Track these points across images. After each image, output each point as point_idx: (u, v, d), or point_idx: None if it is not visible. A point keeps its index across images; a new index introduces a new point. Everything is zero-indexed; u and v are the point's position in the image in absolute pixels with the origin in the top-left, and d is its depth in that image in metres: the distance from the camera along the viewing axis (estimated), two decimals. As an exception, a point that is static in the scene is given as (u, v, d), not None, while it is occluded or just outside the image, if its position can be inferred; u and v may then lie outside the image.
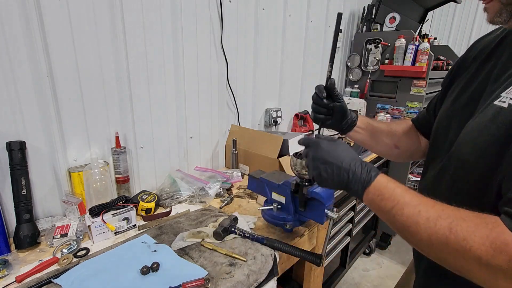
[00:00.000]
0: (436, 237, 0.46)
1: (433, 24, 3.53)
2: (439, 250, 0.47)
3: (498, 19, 0.54)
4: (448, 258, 0.46)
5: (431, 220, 0.47)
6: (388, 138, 0.87)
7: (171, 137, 1.36)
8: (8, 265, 0.79)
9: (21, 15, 0.87)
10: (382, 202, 0.54)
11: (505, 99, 0.50)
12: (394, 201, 0.52)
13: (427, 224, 0.47)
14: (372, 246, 2.35)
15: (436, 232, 0.46)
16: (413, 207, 0.50)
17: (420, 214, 0.49)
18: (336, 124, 0.84)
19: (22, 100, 0.91)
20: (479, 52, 0.67)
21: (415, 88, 2.14)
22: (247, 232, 0.91)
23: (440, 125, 0.69)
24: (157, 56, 1.21)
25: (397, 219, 0.51)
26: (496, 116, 0.50)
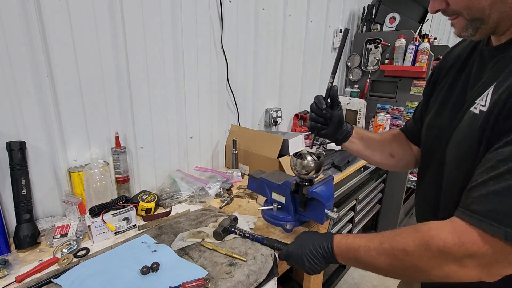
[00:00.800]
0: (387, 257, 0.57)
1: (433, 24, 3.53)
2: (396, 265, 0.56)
3: (464, 34, 0.58)
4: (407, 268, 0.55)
5: (378, 248, 0.58)
6: (383, 147, 0.89)
7: (171, 137, 1.36)
8: (8, 265, 0.79)
9: (21, 15, 0.87)
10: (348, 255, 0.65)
11: (477, 106, 0.55)
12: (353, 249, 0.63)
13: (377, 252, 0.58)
14: (372, 246, 2.35)
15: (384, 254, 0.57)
16: (364, 247, 0.61)
17: (369, 249, 0.60)
18: (332, 134, 0.86)
19: (22, 100, 0.91)
20: (454, 61, 0.71)
21: (415, 88, 2.14)
22: (247, 232, 0.91)
23: (430, 134, 0.72)
24: (157, 56, 1.21)
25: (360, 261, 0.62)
26: (471, 122, 0.55)
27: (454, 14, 0.57)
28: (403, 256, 0.54)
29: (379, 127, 2.17)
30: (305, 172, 0.83)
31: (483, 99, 0.53)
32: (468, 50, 0.68)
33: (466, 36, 0.59)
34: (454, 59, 0.72)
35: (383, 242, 0.58)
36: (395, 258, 0.55)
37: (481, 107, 0.53)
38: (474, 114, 0.55)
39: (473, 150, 0.53)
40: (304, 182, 0.86)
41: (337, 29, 2.26)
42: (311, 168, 0.83)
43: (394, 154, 0.87)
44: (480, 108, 0.53)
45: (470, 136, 0.54)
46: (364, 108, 2.35)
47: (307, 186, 0.85)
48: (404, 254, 0.54)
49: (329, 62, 2.34)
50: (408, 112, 2.20)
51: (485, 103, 0.52)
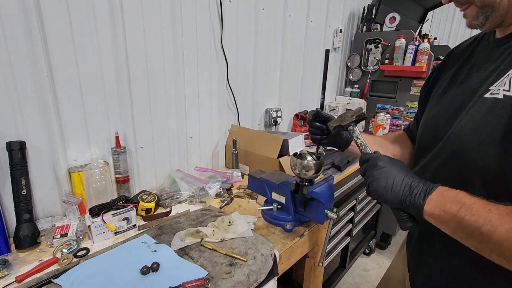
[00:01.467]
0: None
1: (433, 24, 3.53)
2: None
3: (475, 22, 0.59)
4: None
5: (504, 215, 0.45)
6: (385, 149, 0.89)
7: (171, 137, 1.36)
8: (8, 265, 0.79)
9: (21, 15, 0.87)
10: (447, 205, 0.51)
11: (498, 91, 0.54)
12: (460, 203, 0.50)
13: (502, 219, 0.45)
14: (372, 246, 2.35)
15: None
16: (482, 206, 0.48)
17: (490, 211, 0.46)
18: (333, 142, 0.89)
19: (22, 100, 0.91)
20: (457, 58, 0.72)
21: (415, 88, 2.14)
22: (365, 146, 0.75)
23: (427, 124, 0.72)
24: (157, 56, 1.21)
25: (466, 220, 0.48)
26: (493, 107, 0.53)
27: (466, 3, 0.59)
28: None
29: (379, 127, 2.17)
30: (305, 172, 0.83)
31: (506, 84, 0.53)
32: (470, 48, 0.70)
33: (477, 25, 0.59)
34: (456, 57, 0.73)
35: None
36: None
37: (504, 92, 0.52)
38: (495, 99, 0.53)
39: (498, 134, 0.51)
40: (304, 182, 0.86)
41: (337, 29, 2.26)
42: (311, 168, 0.83)
43: (396, 154, 0.88)
44: (504, 93, 0.52)
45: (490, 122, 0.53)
46: (364, 108, 2.35)
47: (307, 186, 0.85)
48: None
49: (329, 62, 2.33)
50: (408, 112, 2.20)
51: (509, 87, 0.52)
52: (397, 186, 0.59)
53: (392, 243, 2.50)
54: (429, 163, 0.68)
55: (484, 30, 0.61)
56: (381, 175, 0.61)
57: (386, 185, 0.60)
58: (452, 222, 0.51)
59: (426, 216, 0.55)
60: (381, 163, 0.63)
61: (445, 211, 0.51)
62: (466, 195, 0.51)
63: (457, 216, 0.50)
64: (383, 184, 0.60)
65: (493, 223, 0.45)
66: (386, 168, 0.62)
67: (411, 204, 0.56)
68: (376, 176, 0.62)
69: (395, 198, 0.59)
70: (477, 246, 0.49)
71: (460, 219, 0.49)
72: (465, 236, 0.50)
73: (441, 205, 0.53)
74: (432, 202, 0.54)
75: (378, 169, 0.62)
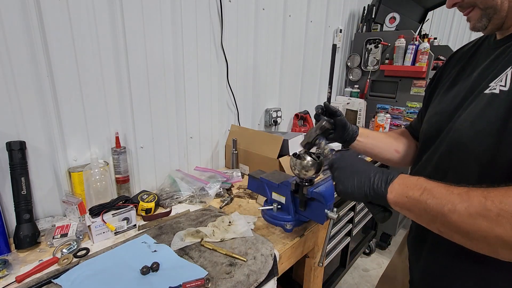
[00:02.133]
0: (473, 208, 0.45)
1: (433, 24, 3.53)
2: (479, 221, 0.44)
3: (479, 25, 0.61)
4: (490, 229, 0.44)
5: (463, 194, 0.47)
6: (388, 144, 0.92)
7: (171, 137, 1.36)
8: (8, 265, 0.79)
9: (21, 15, 0.87)
10: (409, 192, 0.53)
11: (495, 87, 0.56)
12: (421, 189, 0.52)
13: (461, 198, 0.47)
14: (372, 246, 2.35)
15: (472, 203, 0.45)
16: (443, 187, 0.50)
17: (452, 193, 0.48)
18: (339, 136, 0.90)
19: (22, 100, 0.91)
20: (459, 58, 0.75)
21: (415, 88, 2.14)
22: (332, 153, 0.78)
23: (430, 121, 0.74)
24: (157, 56, 1.22)
25: (429, 204, 0.50)
26: (490, 102, 0.55)
27: (469, 6, 0.61)
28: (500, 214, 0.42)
29: (379, 127, 2.17)
30: (305, 172, 0.83)
31: (502, 80, 0.55)
32: (473, 50, 0.72)
33: (480, 28, 0.61)
34: (459, 58, 0.76)
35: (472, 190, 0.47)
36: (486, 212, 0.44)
37: (501, 87, 0.55)
38: (492, 94, 0.56)
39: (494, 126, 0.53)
40: (304, 182, 0.86)
41: (337, 29, 2.26)
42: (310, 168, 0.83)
43: (399, 150, 0.90)
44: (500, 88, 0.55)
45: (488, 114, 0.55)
46: (364, 108, 2.35)
47: (307, 186, 0.85)
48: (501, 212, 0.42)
49: (329, 62, 2.34)
50: (408, 112, 2.20)
51: (505, 84, 0.54)
52: (359, 182, 0.61)
53: (392, 243, 2.50)
54: (431, 156, 0.69)
55: (487, 32, 0.63)
56: (341, 175, 0.65)
57: (348, 183, 0.63)
58: (416, 207, 0.53)
59: (391, 205, 0.57)
60: (340, 163, 0.67)
61: (408, 197, 0.53)
62: (426, 180, 0.53)
63: (420, 200, 0.51)
64: (346, 183, 0.63)
65: (453, 202, 0.47)
66: (345, 167, 0.66)
67: (375, 196, 0.59)
68: (338, 178, 0.66)
69: (360, 193, 0.61)
70: (440, 229, 0.51)
71: (423, 203, 0.51)
72: (430, 219, 0.51)
73: (403, 192, 0.55)
74: (394, 191, 0.57)
75: (339, 170, 0.66)
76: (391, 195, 0.57)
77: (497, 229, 0.43)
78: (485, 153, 0.55)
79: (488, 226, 0.44)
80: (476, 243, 0.47)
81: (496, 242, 0.44)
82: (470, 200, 0.46)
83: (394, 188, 0.57)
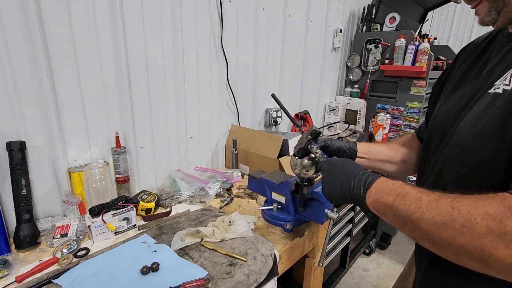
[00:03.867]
0: (440, 216, 0.45)
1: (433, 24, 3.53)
2: (443, 230, 0.44)
3: (487, 19, 0.57)
4: (454, 238, 0.43)
5: (432, 202, 0.47)
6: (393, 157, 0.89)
7: (171, 137, 1.36)
8: (8, 265, 0.79)
9: (21, 15, 0.87)
10: (383, 198, 0.54)
11: (499, 85, 0.53)
12: (395, 194, 0.53)
13: (429, 206, 0.47)
14: (372, 246, 2.35)
15: (439, 212, 0.45)
16: (414, 195, 0.50)
17: (421, 199, 0.48)
18: None
19: (22, 100, 0.91)
20: (470, 53, 0.71)
21: (415, 88, 2.14)
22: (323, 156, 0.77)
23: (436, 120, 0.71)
24: (157, 56, 1.22)
25: (400, 210, 0.50)
26: (493, 102, 0.53)
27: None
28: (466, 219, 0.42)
29: (379, 127, 2.17)
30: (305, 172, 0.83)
31: (507, 79, 0.53)
32: (485, 43, 0.68)
33: (489, 22, 0.58)
34: (469, 52, 0.72)
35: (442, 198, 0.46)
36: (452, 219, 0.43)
37: (504, 86, 0.52)
38: (495, 94, 0.54)
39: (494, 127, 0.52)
40: (304, 182, 0.86)
41: (337, 29, 2.26)
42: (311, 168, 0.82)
43: (405, 159, 0.88)
44: (504, 87, 0.52)
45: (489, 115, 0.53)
46: (364, 108, 2.35)
47: (307, 186, 0.85)
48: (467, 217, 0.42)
49: (329, 62, 2.34)
50: (408, 112, 2.20)
51: (509, 82, 0.52)
52: (341, 185, 0.62)
53: (392, 243, 2.50)
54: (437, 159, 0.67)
55: (497, 26, 0.59)
56: (327, 178, 0.66)
57: (332, 187, 0.64)
58: (389, 212, 0.53)
59: (370, 209, 0.58)
60: (327, 167, 0.68)
61: (383, 203, 0.54)
62: (401, 185, 0.53)
63: (392, 206, 0.52)
64: (330, 187, 0.64)
65: (421, 210, 0.47)
66: (331, 171, 0.66)
67: (356, 199, 0.60)
68: (324, 181, 0.67)
69: (342, 197, 0.62)
70: (410, 234, 0.51)
71: (395, 209, 0.51)
72: (401, 224, 0.52)
73: (379, 197, 0.55)
74: (371, 195, 0.57)
75: (325, 174, 0.67)
76: (369, 199, 0.57)
77: (460, 239, 0.43)
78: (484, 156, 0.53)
79: (452, 235, 0.44)
80: (443, 251, 0.47)
81: (460, 251, 0.44)
82: (438, 208, 0.46)
83: (371, 193, 0.57)
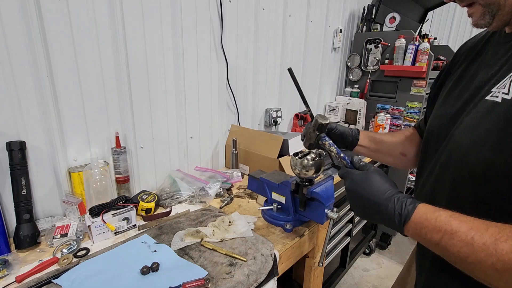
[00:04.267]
0: (501, 263, 0.41)
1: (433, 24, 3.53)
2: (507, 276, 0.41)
3: (481, 22, 0.56)
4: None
5: (489, 245, 0.42)
6: (394, 148, 0.89)
7: (171, 137, 1.36)
8: (8, 265, 0.79)
9: (21, 15, 0.87)
10: (428, 235, 0.49)
11: (498, 94, 0.52)
12: (441, 232, 0.47)
13: (487, 251, 0.42)
14: (372, 246, 2.35)
15: (499, 258, 0.41)
16: (464, 234, 0.45)
17: (474, 241, 0.43)
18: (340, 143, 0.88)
19: (22, 100, 0.91)
20: (467, 53, 0.70)
21: (415, 88, 2.14)
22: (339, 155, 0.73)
23: (432, 124, 0.71)
24: (157, 56, 1.21)
25: (450, 251, 0.46)
26: (491, 110, 0.52)
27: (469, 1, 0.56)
28: None
29: (379, 127, 2.17)
30: (305, 172, 0.83)
31: (506, 87, 0.51)
32: (482, 42, 0.66)
33: (483, 25, 0.56)
34: (468, 51, 0.70)
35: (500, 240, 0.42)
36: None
37: (503, 95, 0.50)
38: (494, 102, 0.52)
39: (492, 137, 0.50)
40: (304, 182, 0.86)
41: (337, 29, 2.26)
42: (311, 168, 0.83)
43: (405, 153, 0.88)
44: (503, 96, 0.50)
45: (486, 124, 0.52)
46: (364, 108, 2.35)
47: (307, 186, 0.85)
48: None
49: (329, 62, 2.34)
50: (408, 112, 2.20)
51: (508, 91, 0.50)
52: (373, 216, 0.58)
53: (392, 243, 2.50)
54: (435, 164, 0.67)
55: (493, 29, 0.57)
56: (356, 199, 0.60)
57: (364, 211, 0.59)
58: (436, 249, 0.49)
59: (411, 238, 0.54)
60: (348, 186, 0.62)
61: (427, 239, 0.50)
62: (447, 220, 0.48)
63: (439, 245, 0.48)
64: (362, 211, 0.60)
65: (477, 255, 0.43)
66: (354, 192, 0.60)
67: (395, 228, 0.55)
68: (353, 202, 0.61)
69: (380, 221, 0.57)
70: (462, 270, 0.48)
71: (442, 249, 0.48)
72: (450, 261, 0.48)
73: (421, 233, 0.50)
74: (411, 229, 0.52)
75: (349, 193, 0.62)
76: (408, 233, 0.53)
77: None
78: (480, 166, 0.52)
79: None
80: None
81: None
82: (498, 254, 0.41)
83: (410, 227, 0.52)
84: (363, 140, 0.89)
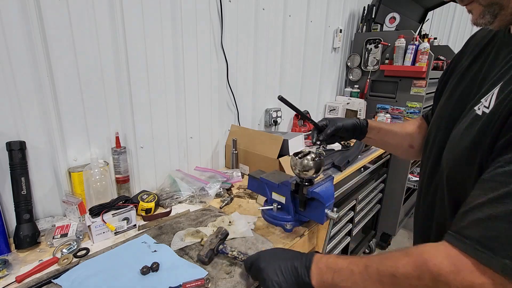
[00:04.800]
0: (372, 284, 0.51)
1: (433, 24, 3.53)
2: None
3: (481, 21, 0.54)
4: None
5: (362, 272, 0.52)
6: (402, 140, 0.90)
7: (171, 137, 1.36)
8: (8, 265, 0.79)
9: (21, 15, 0.87)
10: (324, 276, 0.57)
11: (480, 107, 0.52)
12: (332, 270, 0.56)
13: (362, 277, 0.52)
14: (372, 246, 2.35)
15: (370, 279, 0.51)
16: (346, 269, 0.55)
17: (353, 273, 0.53)
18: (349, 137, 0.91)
19: (22, 100, 0.91)
20: (474, 47, 0.68)
21: (415, 88, 2.14)
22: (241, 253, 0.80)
23: (433, 124, 0.71)
24: (157, 56, 1.21)
25: (342, 285, 0.55)
26: (472, 123, 0.52)
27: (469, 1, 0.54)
28: (391, 283, 0.48)
29: (379, 127, 2.17)
30: (305, 172, 0.83)
31: (488, 100, 0.50)
32: (489, 37, 0.64)
33: (484, 24, 0.54)
34: (475, 44, 0.68)
35: (369, 266, 0.52)
36: (382, 285, 0.49)
37: (484, 108, 0.50)
38: (476, 115, 0.51)
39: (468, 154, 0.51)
40: (304, 182, 0.86)
41: (337, 29, 2.26)
42: (311, 168, 0.83)
43: (413, 145, 0.88)
44: (483, 109, 0.50)
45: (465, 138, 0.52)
46: (364, 108, 2.36)
47: (307, 186, 0.85)
48: (392, 281, 0.48)
49: (329, 62, 2.34)
50: (408, 112, 2.20)
51: (488, 104, 0.49)
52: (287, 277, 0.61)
53: (392, 243, 2.50)
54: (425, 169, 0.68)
55: (495, 27, 0.55)
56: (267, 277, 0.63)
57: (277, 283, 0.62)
58: None
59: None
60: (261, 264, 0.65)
61: (325, 282, 0.57)
62: (335, 260, 0.57)
63: (333, 284, 0.56)
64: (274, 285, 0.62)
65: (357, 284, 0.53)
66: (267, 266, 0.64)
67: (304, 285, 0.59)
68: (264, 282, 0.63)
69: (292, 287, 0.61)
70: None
71: (337, 286, 0.55)
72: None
73: (320, 277, 0.58)
74: (314, 276, 0.58)
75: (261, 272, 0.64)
76: (313, 281, 0.58)
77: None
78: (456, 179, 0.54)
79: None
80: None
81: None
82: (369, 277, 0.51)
83: (314, 273, 0.59)
84: (371, 131, 0.91)
